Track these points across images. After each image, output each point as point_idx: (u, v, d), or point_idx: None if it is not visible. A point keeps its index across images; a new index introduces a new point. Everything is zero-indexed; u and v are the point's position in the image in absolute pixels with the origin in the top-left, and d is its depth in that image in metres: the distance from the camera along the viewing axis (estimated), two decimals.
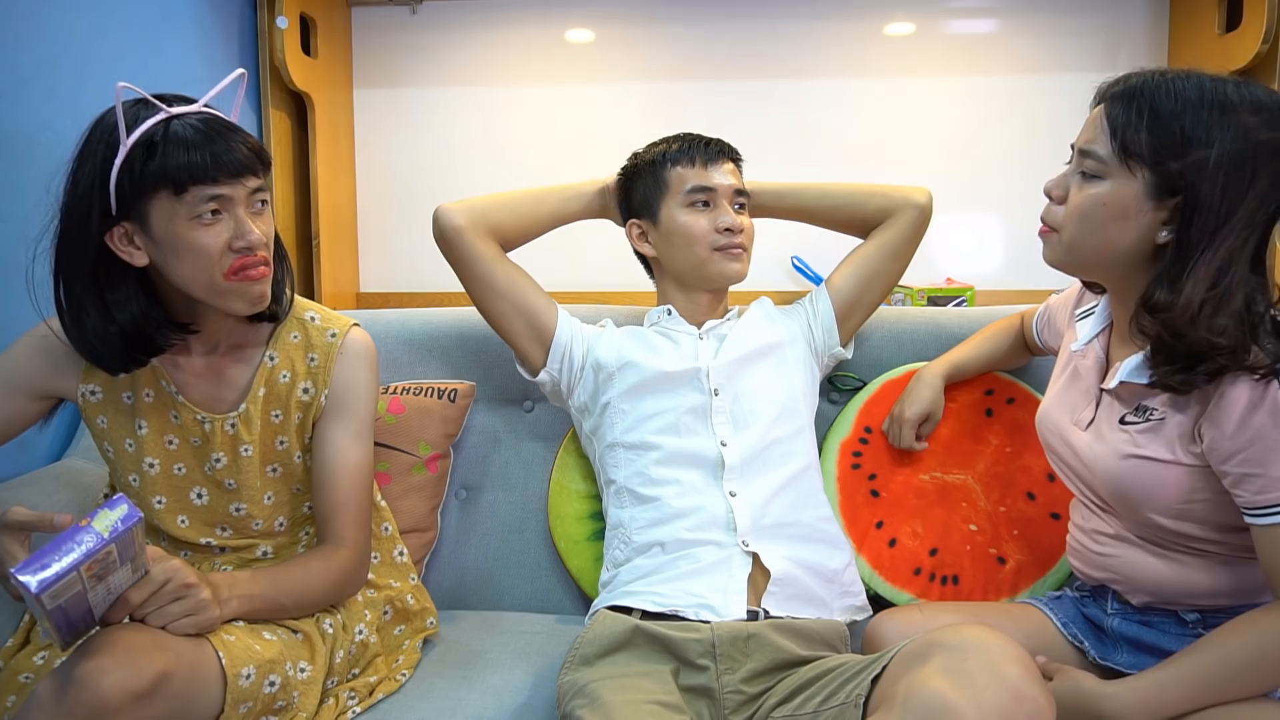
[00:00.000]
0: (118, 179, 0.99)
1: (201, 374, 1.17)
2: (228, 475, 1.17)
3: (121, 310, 1.05)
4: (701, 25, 2.15)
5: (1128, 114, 0.96)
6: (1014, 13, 2.08)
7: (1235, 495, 0.96)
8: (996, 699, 0.81)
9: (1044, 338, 1.33)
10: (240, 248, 1.04)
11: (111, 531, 0.86)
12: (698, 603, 1.16)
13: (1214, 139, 0.91)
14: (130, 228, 1.02)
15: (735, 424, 1.30)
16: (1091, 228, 0.99)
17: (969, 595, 1.36)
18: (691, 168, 1.36)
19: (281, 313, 1.17)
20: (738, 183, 1.38)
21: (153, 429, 1.16)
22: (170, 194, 1.00)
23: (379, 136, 2.26)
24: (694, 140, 1.39)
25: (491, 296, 1.38)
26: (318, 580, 1.13)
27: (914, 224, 1.40)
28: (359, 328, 1.24)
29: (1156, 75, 0.97)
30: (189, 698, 0.96)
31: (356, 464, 1.19)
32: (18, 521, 0.92)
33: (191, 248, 1.02)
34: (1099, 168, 0.98)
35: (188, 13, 1.78)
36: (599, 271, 2.04)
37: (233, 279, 1.04)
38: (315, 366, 1.19)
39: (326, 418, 1.19)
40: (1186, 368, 0.94)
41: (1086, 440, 1.08)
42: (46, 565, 0.83)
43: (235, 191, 1.03)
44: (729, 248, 1.35)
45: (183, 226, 1.01)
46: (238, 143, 1.03)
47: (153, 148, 0.99)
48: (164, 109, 1.01)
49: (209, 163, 0.99)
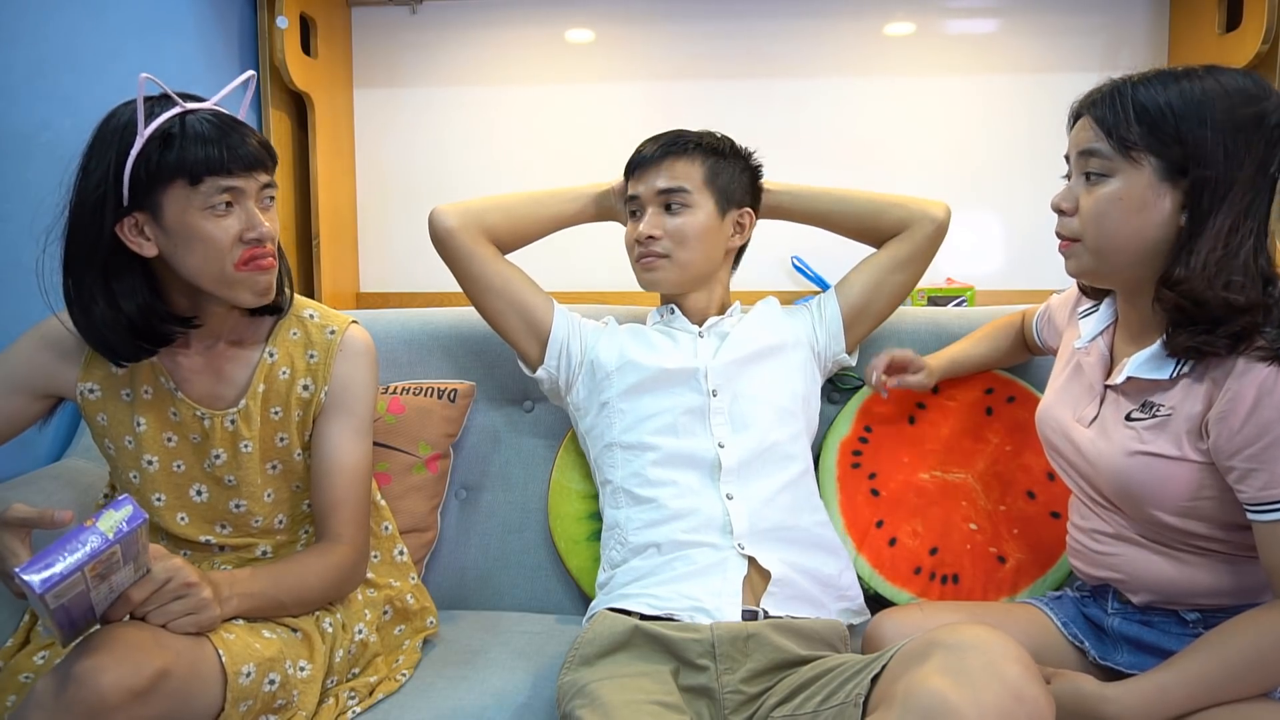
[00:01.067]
0: (133, 169, 1.02)
1: (201, 370, 1.17)
2: (227, 471, 1.18)
3: (127, 300, 1.07)
4: (701, 25, 2.15)
5: (1114, 112, 0.98)
6: (1014, 13, 2.09)
7: (1238, 491, 0.96)
8: (996, 698, 0.81)
9: (1044, 337, 1.33)
10: (251, 239, 1.06)
11: (116, 532, 0.87)
12: (693, 605, 1.16)
13: (1203, 113, 0.94)
14: (142, 218, 1.04)
15: (733, 425, 1.29)
16: (1114, 226, 0.99)
17: (969, 594, 1.36)
18: (631, 178, 1.38)
19: (285, 304, 1.19)
20: (664, 183, 1.33)
21: (151, 426, 1.16)
22: (186, 184, 1.02)
23: (379, 136, 2.26)
24: (639, 147, 1.38)
25: (487, 295, 1.38)
26: (317, 577, 1.14)
27: (930, 238, 1.39)
28: (358, 325, 1.25)
29: (1129, 78, 1.00)
30: (188, 696, 0.96)
31: (355, 461, 1.20)
32: (18, 518, 0.93)
33: (204, 238, 1.04)
34: (1104, 165, 0.99)
35: (188, 13, 1.78)
36: (599, 272, 2.05)
37: (243, 269, 1.07)
38: (315, 363, 1.20)
39: (326, 415, 1.20)
40: (1208, 330, 0.95)
41: (1089, 437, 1.08)
42: (50, 565, 0.84)
43: (248, 184, 1.06)
44: (643, 257, 1.35)
45: (196, 217, 1.04)
46: (250, 138, 1.06)
47: (170, 139, 1.02)
48: (181, 104, 1.04)
49: (224, 155, 1.03)
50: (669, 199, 1.34)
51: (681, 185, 1.33)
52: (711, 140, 1.37)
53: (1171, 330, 0.99)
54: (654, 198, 1.34)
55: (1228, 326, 0.94)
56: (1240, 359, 0.94)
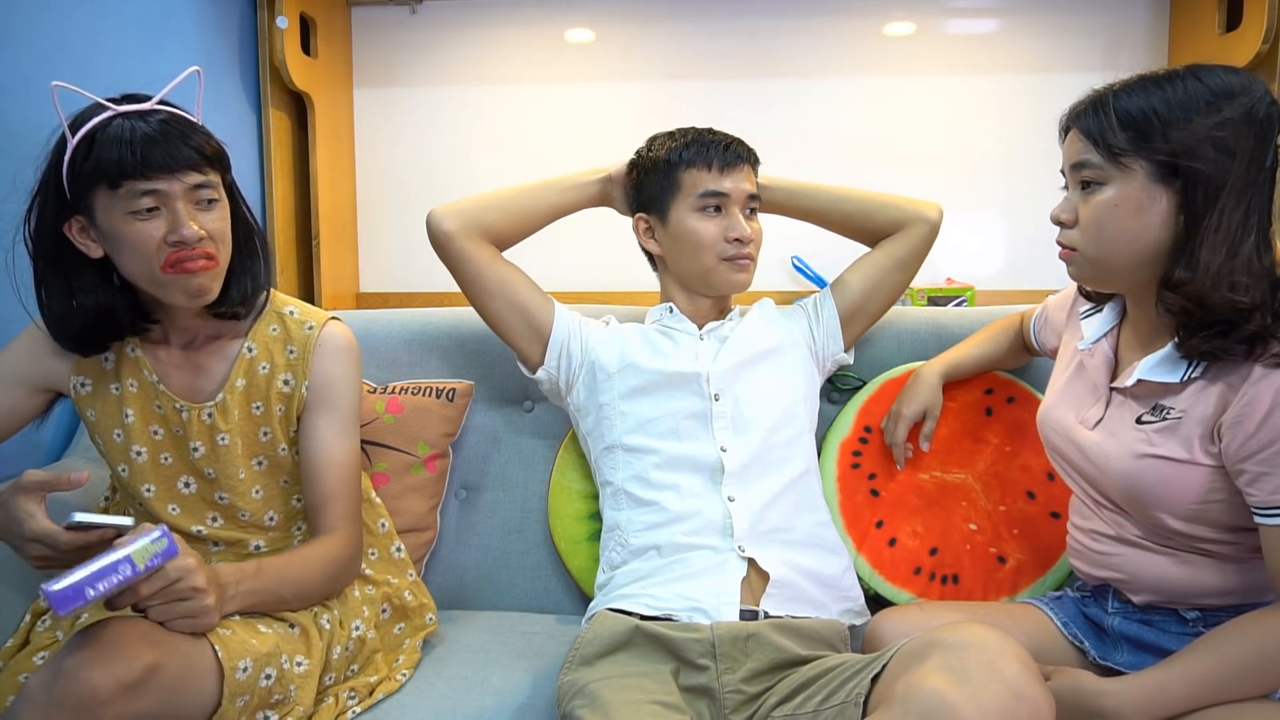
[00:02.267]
0: (67, 174, 1.04)
1: (180, 365, 1.19)
2: (206, 464, 1.19)
3: (85, 295, 1.11)
4: (702, 24, 2.15)
5: (1098, 121, 0.99)
6: (1014, 13, 2.09)
7: (1248, 495, 0.96)
8: (996, 698, 0.81)
9: (1041, 339, 1.33)
10: (174, 241, 1.06)
11: (148, 566, 0.91)
12: (691, 606, 1.16)
13: (1187, 113, 0.95)
14: (83, 221, 1.07)
15: (735, 429, 1.29)
16: (1112, 232, 1.00)
17: (969, 595, 1.36)
18: (707, 171, 1.32)
19: (244, 311, 1.19)
20: (751, 187, 1.34)
21: (138, 418, 1.18)
22: (106, 188, 1.04)
23: (379, 136, 2.26)
24: (712, 142, 1.33)
25: (486, 297, 1.38)
26: (318, 572, 1.15)
27: (924, 238, 1.40)
28: (337, 321, 1.26)
29: (1108, 87, 1.01)
30: (183, 691, 0.96)
31: (343, 455, 1.21)
32: (35, 482, 0.97)
33: (129, 240, 1.05)
34: (1097, 174, 1.00)
35: (188, 13, 1.78)
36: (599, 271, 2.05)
37: (169, 271, 1.07)
38: (294, 359, 1.21)
39: (310, 411, 1.21)
40: (1222, 334, 0.95)
41: (1095, 439, 1.08)
42: (81, 593, 0.85)
43: (171, 186, 1.05)
44: (737, 258, 1.33)
45: (120, 220, 1.05)
46: (179, 140, 1.05)
47: (91, 145, 1.03)
48: (111, 108, 1.05)
49: (139, 159, 1.03)
50: (751, 204, 1.36)
51: (757, 193, 1.37)
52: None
53: (1183, 334, 0.99)
54: (744, 201, 1.34)
55: (1240, 330, 0.94)
56: (1257, 365, 0.94)
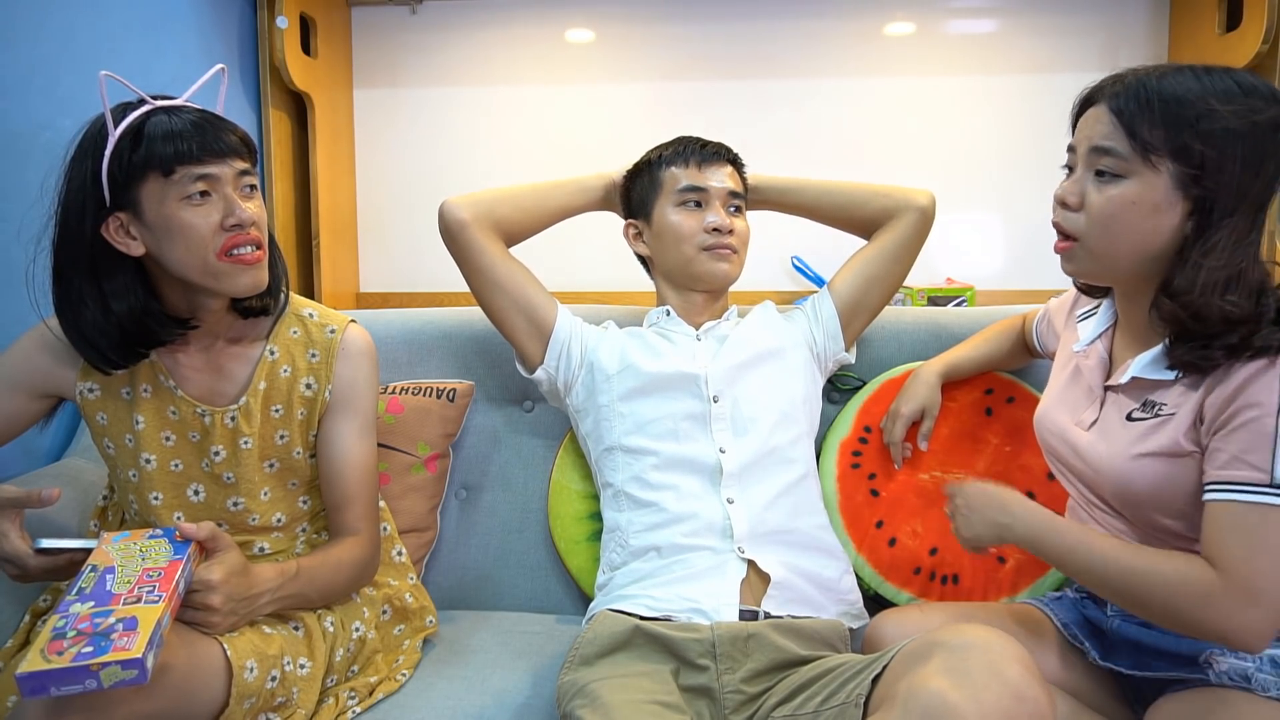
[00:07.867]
0: (109, 169, 1.03)
1: (201, 368, 1.18)
2: (226, 469, 1.18)
3: (119, 301, 1.07)
4: (701, 25, 2.15)
5: (1139, 108, 0.93)
6: (1014, 13, 2.09)
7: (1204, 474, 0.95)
8: (997, 699, 0.81)
9: (1043, 341, 1.33)
10: (231, 225, 1.06)
11: (112, 685, 0.86)
12: (690, 607, 1.16)
13: (1224, 122, 0.91)
14: (125, 218, 1.05)
15: (735, 430, 1.29)
16: (1122, 229, 0.96)
17: (969, 595, 1.36)
18: (685, 168, 1.37)
19: (274, 306, 1.19)
20: (734, 185, 1.38)
21: (150, 424, 1.16)
22: (159, 176, 1.03)
23: (379, 136, 2.26)
24: (690, 141, 1.40)
25: (493, 290, 1.38)
26: (345, 574, 1.18)
27: (915, 226, 1.40)
28: (357, 324, 1.26)
29: (1151, 71, 0.96)
30: (190, 691, 0.96)
31: (363, 458, 1.23)
32: (7, 499, 0.95)
33: (183, 228, 1.04)
34: (1119, 165, 0.95)
35: (188, 13, 1.78)
36: (599, 271, 2.05)
37: (225, 259, 1.07)
38: (316, 362, 1.21)
39: (332, 414, 1.21)
40: (1205, 345, 0.94)
41: (1089, 440, 1.07)
42: (45, 688, 0.83)
43: (222, 171, 1.06)
44: (717, 247, 1.35)
45: (173, 208, 1.04)
46: (222, 128, 1.07)
47: (140, 136, 1.03)
48: (151, 102, 1.06)
49: (194, 144, 1.04)
50: (734, 202, 1.38)
51: (742, 192, 1.40)
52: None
53: (1172, 342, 0.98)
54: (725, 197, 1.37)
55: (1223, 339, 0.93)
56: (1238, 363, 0.93)
